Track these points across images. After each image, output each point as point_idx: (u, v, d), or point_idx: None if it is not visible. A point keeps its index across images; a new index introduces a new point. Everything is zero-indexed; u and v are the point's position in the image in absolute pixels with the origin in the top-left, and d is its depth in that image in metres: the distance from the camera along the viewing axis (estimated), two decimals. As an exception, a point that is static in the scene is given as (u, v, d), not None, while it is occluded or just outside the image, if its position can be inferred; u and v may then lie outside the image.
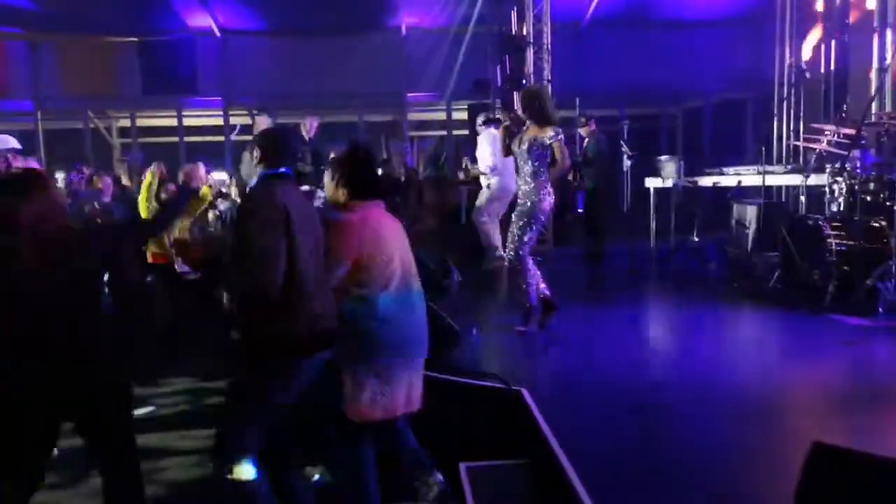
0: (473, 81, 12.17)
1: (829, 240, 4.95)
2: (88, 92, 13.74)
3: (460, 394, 3.60)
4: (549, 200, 4.88)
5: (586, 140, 8.25)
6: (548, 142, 4.80)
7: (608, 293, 6.60)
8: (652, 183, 7.88)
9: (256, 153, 2.64)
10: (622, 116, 8.44)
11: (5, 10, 12.30)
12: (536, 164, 4.83)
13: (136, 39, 13.87)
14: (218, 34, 14.04)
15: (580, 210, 8.34)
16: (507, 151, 5.15)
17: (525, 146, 4.89)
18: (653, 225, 8.00)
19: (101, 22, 13.02)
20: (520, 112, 5.15)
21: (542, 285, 4.99)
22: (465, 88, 12.68)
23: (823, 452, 1.80)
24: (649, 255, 7.84)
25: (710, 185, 7.24)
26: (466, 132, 13.04)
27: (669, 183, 7.43)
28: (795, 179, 6.44)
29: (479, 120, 7.42)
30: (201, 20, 13.69)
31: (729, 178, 7.02)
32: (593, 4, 13.23)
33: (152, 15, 13.41)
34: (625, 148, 7.73)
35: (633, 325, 5.38)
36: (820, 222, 5.13)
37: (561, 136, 4.86)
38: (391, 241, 2.86)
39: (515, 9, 9.97)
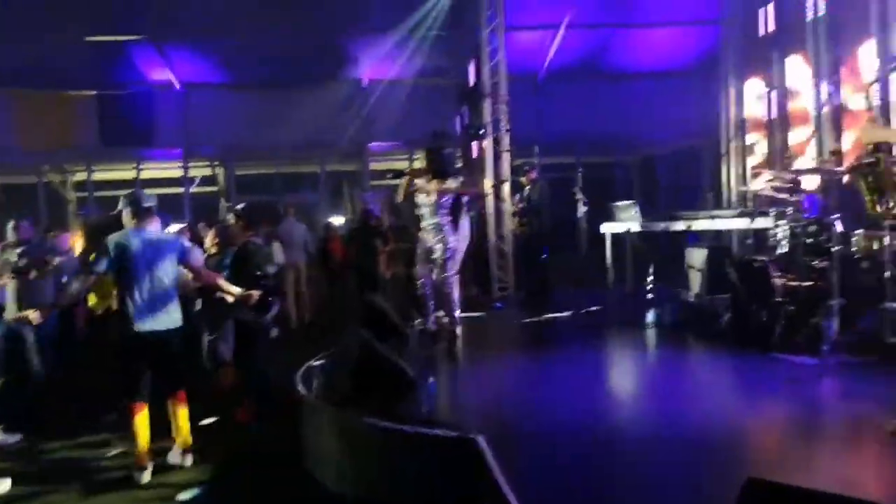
0: (432, 131, 12.39)
1: (774, 281, 5.10)
2: (45, 146, 13.59)
3: (412, 443, 3.56)
4: (454, 237, 5.88)
5: (527, 188, 8.57)
6: (453, 187, 5.80)
7: (563, 338, 6.66)
8: (608, 228, 8.05)
9: None
10: (578, 164, 8.67)
11: (-41, 64, 12.20)
12: (443, 211, 5.83)
13: (94, 93, 13.85)
14: (178, 87, 14.10)
15: (545, 256, 8.54)
16: (406, 198, 6.03)
17: (433, 198, 5.82)
18: (609, 270, 8.15)
19: (59, 75, 12.98)
20: (423, 165, 5.99)
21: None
22: (426, 138, 12.89)
23: (757, 486, 1.83)
24: (605, 299, 7.97)
25: (662, 229, 7.42)
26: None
27: (625, 228, 7.60)
28: (742, 223, 6.66)
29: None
30: (161, 74, 13.76)
31: (680, 223, 7.23)
32: (549, 57, 13.68)
33: (112, 68, 13.43)
34: (579, 195, 7.92)
35: (588, 369, 5.41)
36: (767, 264, 5.29)
37: (460, 179, 5.94)
38: None
39: (473, 61, 10.28)
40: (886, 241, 4.65)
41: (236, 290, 4.71)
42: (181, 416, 4.48)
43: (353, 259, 9.16)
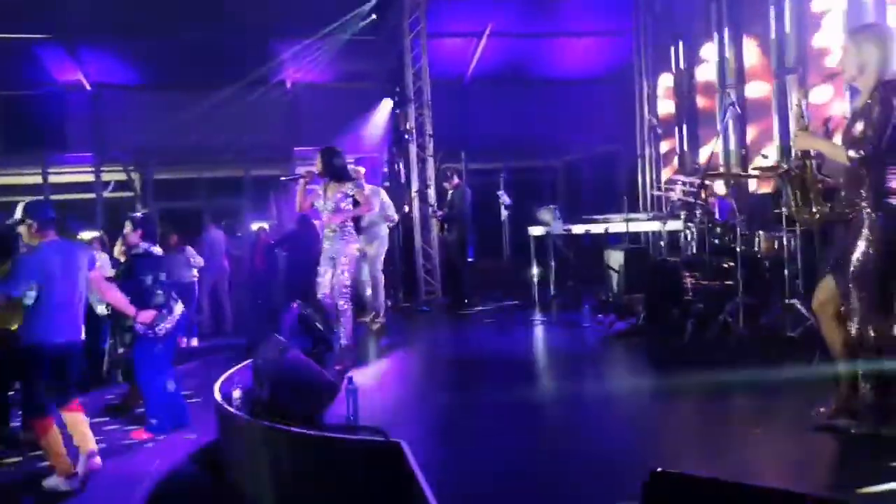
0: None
1: (685, 280, 5.35)
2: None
3: (334, 450, 3.53)
4: (354, 246, 5.75)
5: (450, 193, 8.72)
6: (350, 192, 5.64)
7: (488, 340, 6.78)
8: (533, 231, 8.24)
9: None
10: (502, 169, 8.85)
11: None
12: (341, 216, 5.61)
13: (-3, 94, 13.06)
14: (88, 88, 13.48)
15: (470, 259, 8.69)
16: (304, 205, 5.88)
17: (331, 202, 5.64)
18: (534, 273, 8.32)
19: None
20: (317, 169, 5.78)
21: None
22: (352, 142, 12.83)
23: (661, 479, 1.91)
24: (530, 301, 8.16)
25: (582, 232, 7.65)
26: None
27: (546, 231, 7.79)
28: (655, 226, 6.95)
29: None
30: (70, 74, 13.11)
31: (598, 226, 7.47)
32: (473, 63, 13.86)
33: (16, 68, 12.69)
34: (502, 198, 8.07)
35: (511, 370, 5.53)
36: (677, 264, 5.54)
37: (359, 187, 5.78)
38: None
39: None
40: (786, 241, 4.96)
41: (127, 307, 4.69)
42: (83, 422, 4.38)
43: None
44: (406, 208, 9.77)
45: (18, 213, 4.31)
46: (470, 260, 8.78)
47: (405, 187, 9.77)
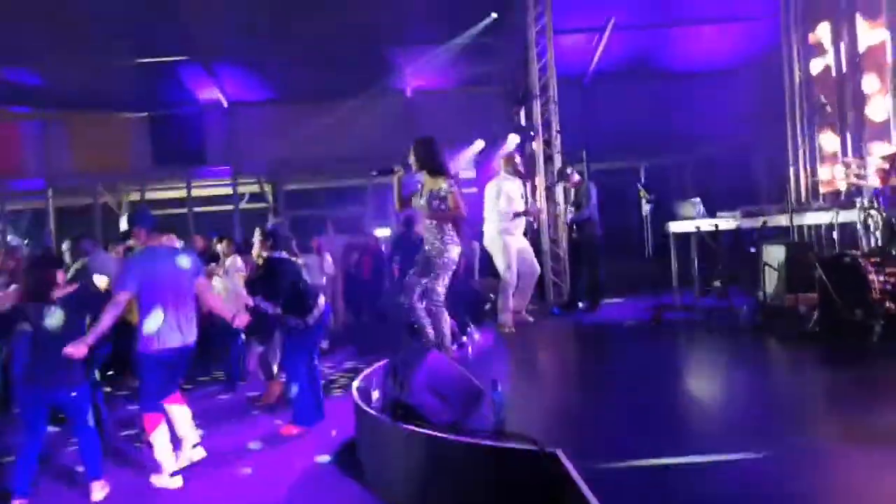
0: (487, 137, 12.23)
1: (870, 276, 4.64)
2: (99, 168, 13.85)
3: (486, 458, 3.26)
4: (455, 249, 5.05)
5: (573, 192, 8.28)
6: (444, 193, 4.97)
7: (631, 343, 6.29)
8: (673, 227, 7.63)
9: None
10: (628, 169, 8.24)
11: (16, 89, 12.55)
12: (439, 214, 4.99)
13: (145, 114, 14.08)
14: (225, 105, 14.22)
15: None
16: (402, 203, 5.24)
17: (424, 199, 5.06)
18: (674, 271, 7.72)
19: (111, 98, 13.23)
20: (411, 162, 5.20)
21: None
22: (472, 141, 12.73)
23: None
24: (673, 303, 7.55)
25: (732, 227, 6.95)
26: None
27: (693, 227, 7.15)
28: (826, 217, 6.15)
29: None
30: (209, 93, 13.89)
31: (752, 220, 6.75)
32: (596, 58, 13.33)
33: (162, 89, 13.63)
34: (643, 192, 7.54)
35: (662, 376, 5.04)
36: (859, 259, 4.83)
37: (455, 187, 5.03)
38: None
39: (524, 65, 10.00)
40: None
41: (225, 312, 4.84)
42: (185, 414, 4.57)
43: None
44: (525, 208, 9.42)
45: (124, 224, 4.47)
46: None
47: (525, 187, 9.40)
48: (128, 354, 5.11)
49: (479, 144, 12.52)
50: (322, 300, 5.53)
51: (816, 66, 9.03)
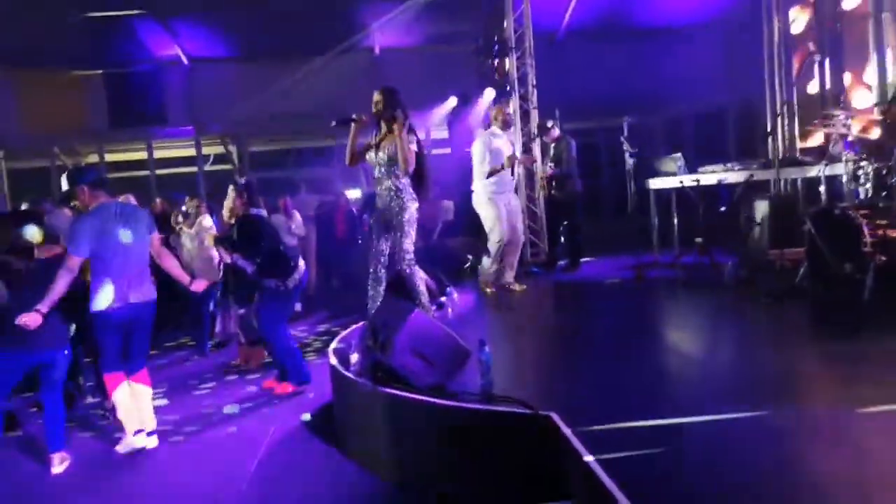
0: (459, 95, 11.90)
1: (863, 229, 4.52)
2: (52, 128, 13.16)
3: (476, 423, 3.08)
4: (414, 205, 4.68)
5: (552, 147, 8.05)
6: (400, 145, 4.55)
7: (616, 302, 6.15)
8: (654, 184, 7.45)
9: None
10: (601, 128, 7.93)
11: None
12: (397, 169, 4.62)
13: (100, 72, 13.36)
14: (186, 62, 13.58)
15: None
16: (354, 157, 4.78)
17: (384, 153, 4.65)
18: (655, 229, 7.58)
19: (61, 55, 12.49)
20: (374, 111, 4.74)
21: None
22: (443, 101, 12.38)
23: None
24: (654, 261, 7.42)
25: (714, 182, 6.79)
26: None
27: (675, 183, 6.97)
28: (813, 171, 6.00)
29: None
30: (168, 49, 13.23)
31: (736, 174, 6.59)
32: (568, 15, 12.99)
33: (116, 45, 12.90)
34: (626, 145, 7.31)
35: (654, 331, 4.91)
36: (849, 212, 4.70)
37: (412, 141, 4.61)
38: None
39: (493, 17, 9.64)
40: None
41: (182, 275, 4.51)
42: (146, 395, 4.35)
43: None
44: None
45: (65, 183, 4.15)
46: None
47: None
48: None
49: (452, 102, 12.18)
50: (302, 263, 5.33)
51: (795, 15, 8.85)
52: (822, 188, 5.43)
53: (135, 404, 4.23)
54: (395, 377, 3.42)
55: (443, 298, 5.79)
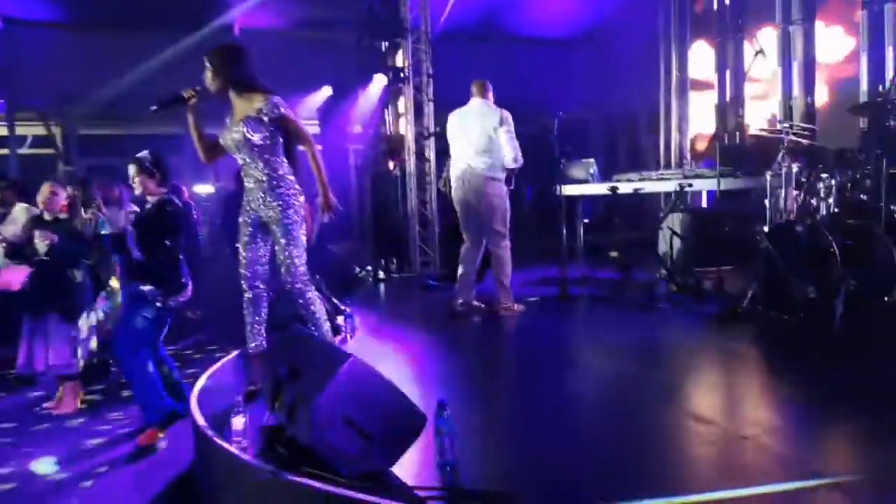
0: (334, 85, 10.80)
1: (833, 248, 4.01)
2: None
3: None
4: (301, 197, 3.40)
5: None
6: (265, 117, 3.30)
7: (553, 323, 5.30)
8: (566, 190, 6.76)
9: None
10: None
11: None
12: (258, 151, 3.30)
13: None
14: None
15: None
16: (208, 151, 3.48)
17: (237, 134, 3.34)
18: (564, 240, 6.89)
19: None
20: (208, 82, 3.46)
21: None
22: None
23: None
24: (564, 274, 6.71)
25: (630, 191, 6.22)
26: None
27: (591, 190, 6.32)
28: (753, 182, 5.57)
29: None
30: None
31: (664, 184, 6.05)
32: (445, 14, 12.36)
33: None
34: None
35: (578, 373, 4.10)
36: (815, 227, 4.20)
37: (276, 102, 3.30)
38: None
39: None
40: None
41: None
42: None
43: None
44: (392, 165, 8.21)
45: None
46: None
47: (396, 139, 8.16)
48: None
49: (327, 91, 10.99)
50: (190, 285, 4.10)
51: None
52: (766, 202, 4.95)
53: None
54: (310, 459, 2.28)
55: (339, 321, 4.67)
